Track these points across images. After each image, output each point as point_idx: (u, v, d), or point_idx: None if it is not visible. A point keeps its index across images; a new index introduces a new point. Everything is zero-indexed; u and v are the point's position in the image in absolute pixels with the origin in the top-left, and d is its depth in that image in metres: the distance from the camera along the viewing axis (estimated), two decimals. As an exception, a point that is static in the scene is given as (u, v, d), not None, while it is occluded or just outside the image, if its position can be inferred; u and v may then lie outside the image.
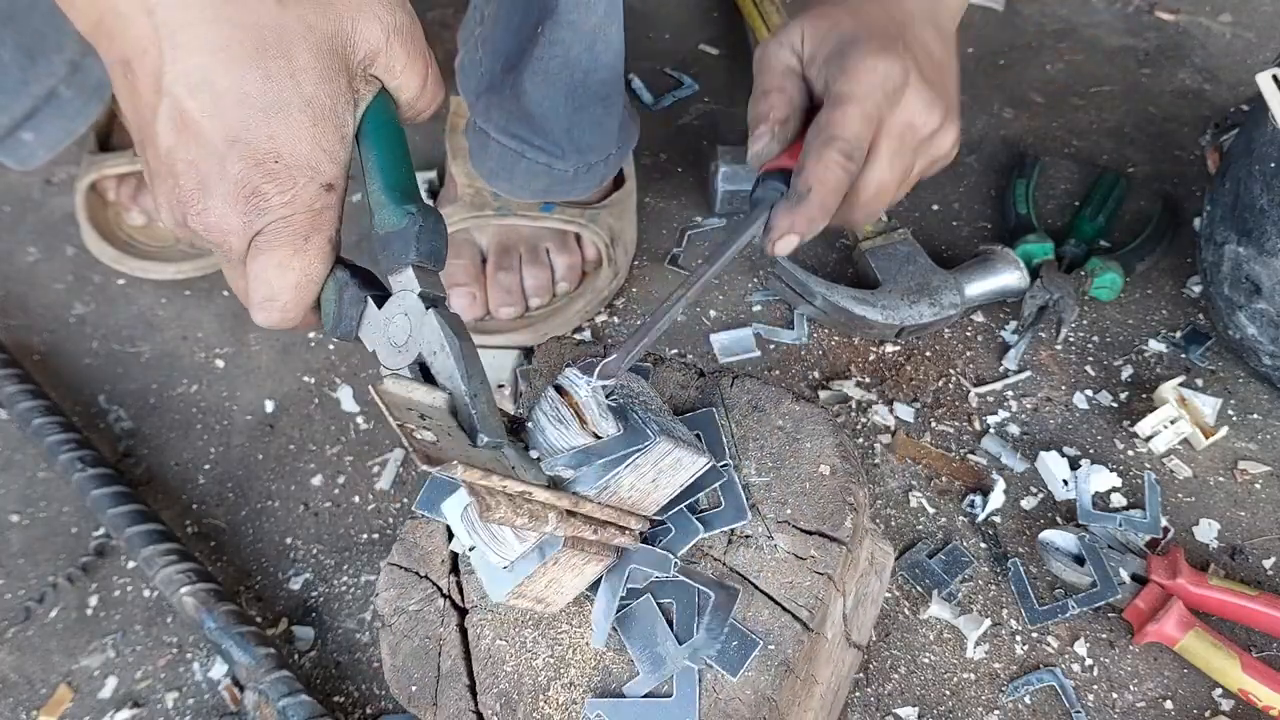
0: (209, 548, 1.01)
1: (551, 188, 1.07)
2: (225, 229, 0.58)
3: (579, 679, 0.65)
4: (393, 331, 0.61)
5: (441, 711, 0.66)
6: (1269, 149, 0.91)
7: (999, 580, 0.95)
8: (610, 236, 1.13)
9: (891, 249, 1.13)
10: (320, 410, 1.10)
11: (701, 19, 1.51)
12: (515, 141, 1.03)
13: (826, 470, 0.68)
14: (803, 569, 0.65)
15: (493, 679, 0.66)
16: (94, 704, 0.91)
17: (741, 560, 0.66)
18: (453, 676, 0.66)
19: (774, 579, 0.65)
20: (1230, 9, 1.48)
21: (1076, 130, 1.33)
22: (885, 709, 0.88)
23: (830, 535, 0.66)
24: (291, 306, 0.60)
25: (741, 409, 0.72)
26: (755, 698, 0.62)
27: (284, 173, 0.57)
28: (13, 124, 1.10)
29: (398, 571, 0.71)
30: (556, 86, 0.96)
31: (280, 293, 0.60)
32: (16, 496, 1.05)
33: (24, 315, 1.20)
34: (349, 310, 0.62)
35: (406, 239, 0.61)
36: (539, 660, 0.66)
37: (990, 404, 1.07)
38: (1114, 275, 1.11)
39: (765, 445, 0.70)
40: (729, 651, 0.63)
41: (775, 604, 0.64)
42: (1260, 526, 0.97)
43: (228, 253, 0.60)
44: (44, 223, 1.29)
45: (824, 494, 0.67)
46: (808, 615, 0.64)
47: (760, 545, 0.66)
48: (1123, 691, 0.88)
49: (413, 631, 0.69)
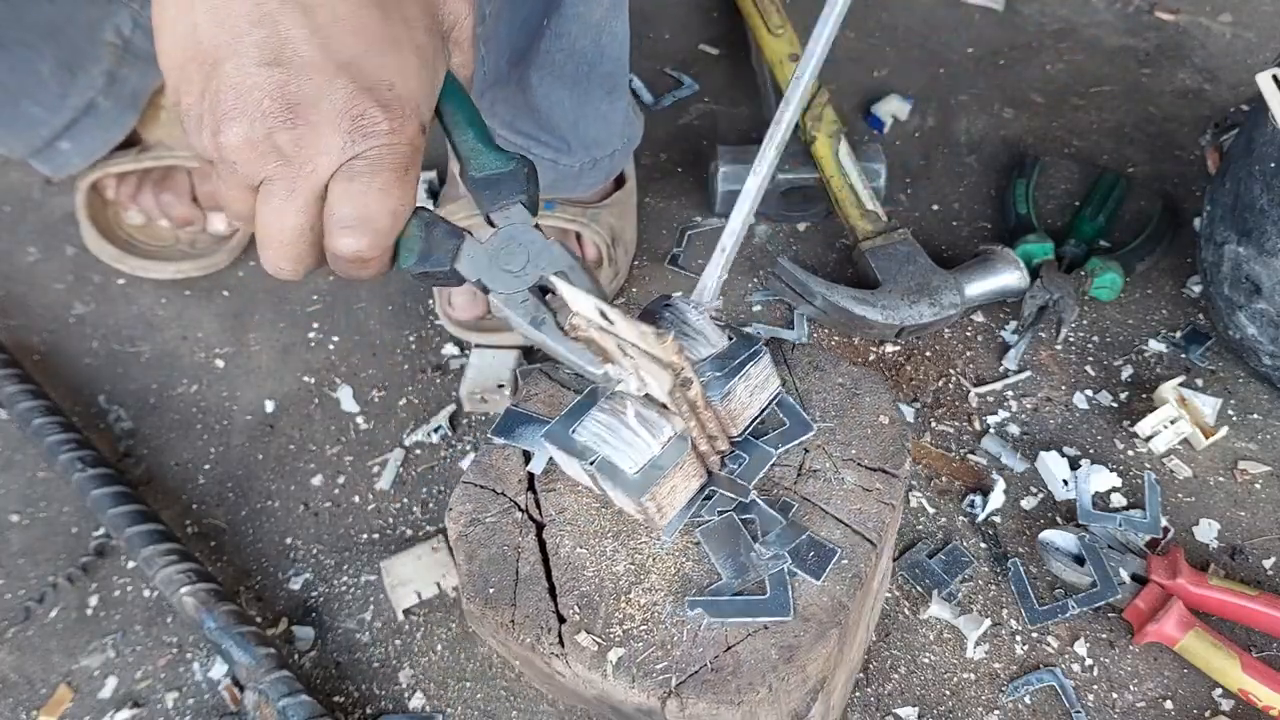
0: (209, 548, 1.01)
1: (558, 183, 1.08)
2: (321, 147, 0.57)
3: (659, 584, 0.67)
4: (505, 259, 0.65)
5: (520, 611, 0.67)
6: (1269, 149, 0.91)
7: (999, 580, 0.95)
8: (611, 236, 1.13)
9: (891, 249, 1.13)
10: (320, 410, 1.10)
11: (701, 19, 1.51)
12: (521, 137, 1.03)
13: (885, 420, 0.73)
14: (868, 499, 0.70)
15: (573, 582, 0.68)
16: (94, 704, 0.91)
17: (811, 489, 0.70)
18: (532, 580, 0.68)
19: (843, 506, 0.70)
20: (1230, 9, 1.48)
21: (1076, 130, 1.34)
22: (885, 709, 0.88)
23: (891, 472, 0.71)
24: (385, 232, 0.61)
25: (803, 368, 0.77)
26: (832, 603, 0.65)
27: (395, 102, 0.58)
28: (53, 135, 1.12)
29: (473, 489, 0.73)
30: (562, 80, 0.97)
31: (379, 216, 0.60)
32: (16, 496, 1.05)
33: (24, 315, 1.20)
34: (442, 244, 0.64)
35: (516, 179, 0.65)
36: (619, 566, 0.68)
37: (990, 404, 1.07)
38: (1114, 275, 1.11)
39: (827, 398, 0.75)
40: (809, 560, 0.67)
41: (846, 525, 0.69)
42: (1260, 526, 0.97)
43: (305, 175, 0.58)
44: (44, 223, 1.29)
45: (884, 438, 0.72)
46: (875, 537, 0.68)
47: (829, 478, 0.71)
48: (1123, 691, 0.88)
49: (489, 540, 0.71)
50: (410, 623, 0.95)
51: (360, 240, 0.60)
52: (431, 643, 0.93)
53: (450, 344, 1.14)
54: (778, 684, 0.63)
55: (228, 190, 0.61)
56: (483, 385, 1.08)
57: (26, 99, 1.08)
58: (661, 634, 0.65)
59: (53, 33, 1.05)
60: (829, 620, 0.65)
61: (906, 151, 1.32)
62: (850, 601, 0.66)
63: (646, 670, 0.64)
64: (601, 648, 0.65)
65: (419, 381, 1.12)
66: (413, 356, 1.14)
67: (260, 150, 0.57)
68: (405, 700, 0.90)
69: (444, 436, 1.07)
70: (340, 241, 0.60)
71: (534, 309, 0.64)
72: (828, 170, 1.18)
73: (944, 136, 1.34)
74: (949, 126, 1.35)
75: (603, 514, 0.70)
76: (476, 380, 1.08)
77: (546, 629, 0.66)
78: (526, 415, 0.72)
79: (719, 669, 0.63)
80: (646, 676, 0.63)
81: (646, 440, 0.63)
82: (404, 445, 1.07)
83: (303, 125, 0.56)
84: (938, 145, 1.33)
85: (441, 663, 0.92)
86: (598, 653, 0.65)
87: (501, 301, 0.64)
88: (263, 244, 0.61)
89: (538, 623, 0.66)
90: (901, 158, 1.31)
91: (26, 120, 1.09)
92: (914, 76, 1.41)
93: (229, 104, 0.56)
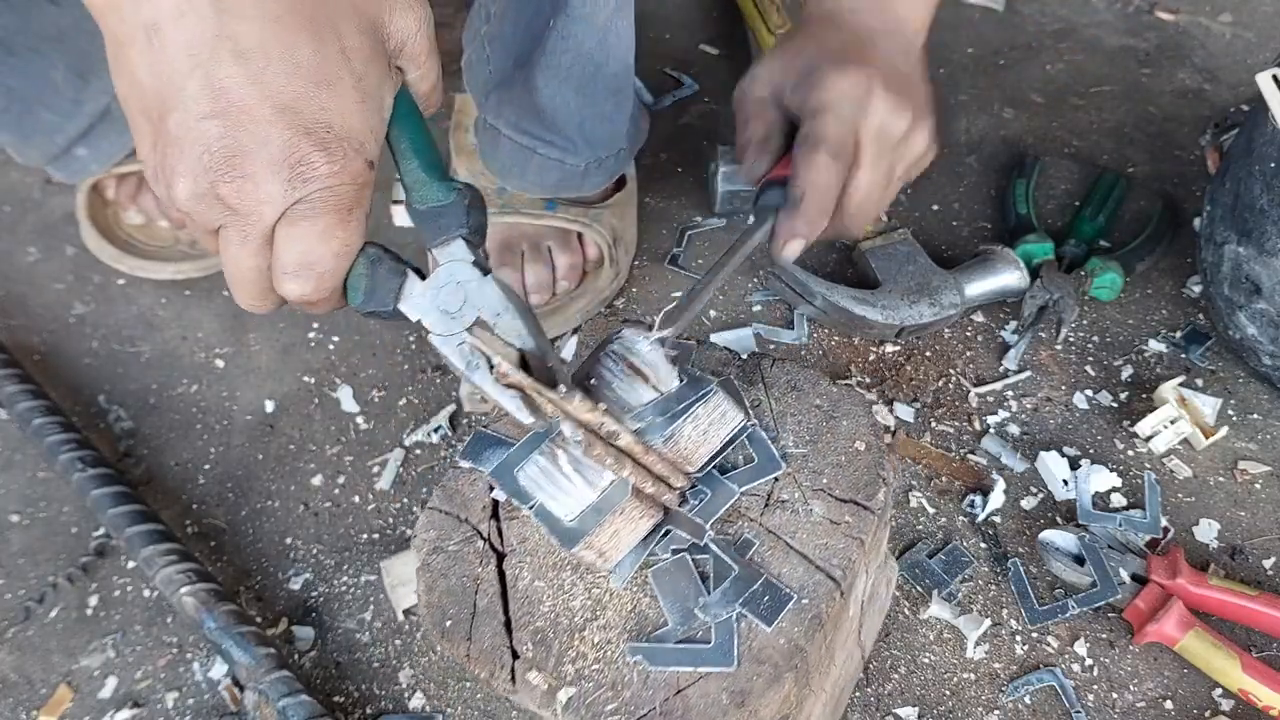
0: (209, 548, 1.01)
1: (563, 183, 1.08)
2: (261, 197, 0.57)
3: (615, 621, 0.67)
4: (444, 300, 0.64)
5: (475, 645, 0.67)
6: (1269, 149, 0.91)
7: (999, 580, 0.95)
8: (612, 236, 1.13)
9: (891, 249, 1.13)
10: (320, 410, 1.10)
11: (701, 19, 1.51)
12: (527, 138, 1.03)
13: (861, 446, 0.72)
14: (836, 533, 0.68)
15: (529, 617, 0.67)
16: (94, 704, 0.91)
17: (777, 522, 0.69)
18: (489, 614, 0.68)
19: (809, 540, 0.68)
20: (1230, 9, 1.48)
21: (1076, 130, 1.34)
22: (885, 709, 0.88)
23: (863, 504, 0.69)
24: (329, 276, 0.61)
25: (780, 388, 0.75)
26: (788, 646, 0.64)
27: (335, 143, 0.57)
28: (69, 142, 1.12)
29: (437, 515, 0.73)
30: (568, 81, 0.97)
31: (321, 260, 0.60)
32: (16, 496, 1.05)
33: (24, 315, 1.20)
34: (385, 283, 0.63)
35: (456, 212, 0.64)
36: (576, 602, 0.68)
37: (990, 404, 1.07)
38: (1114, 275, 1.11)
39: (803, 421, 0.74)
40: (762, 605, 0.66)
41: (809, 562, 0.67)
42: (1260, 526, 0.97)
43: (253, 224, 0.59)
44: (44, 223, 1.29)
45: (858, 467, 0.71)
46: (840, 575, 0.67)
47: (796, 510, 0.69)
48: (1123, 691, 0.88)
49: (450, 570, 0.70)
50: (410, 623, 0.94)
51: (305, 285, 0.60)
52: (431, 643, 0.93)
53: (450, 344, 1.14)
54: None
55: (193, 233, 0.62)
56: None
57: (42, 106, 1.08)
58: (613, 674, 0.64)
59: (61, 38, 1.05)
60: (784, 664, 0.63)
61: (906, 151, 1.32)
62: (809, 644, 0.64)
63: (595, 712, 0.63)
64: (551, 687, 0.64)
65: (419, 381, 1.12)
66: (413, 356, 1.14)
67: (207, 202, 0.58)
68: (405, 700, 0.90)
69: (444, 436, 1.07)
70: (286, 286, 0.61)
71: (468, 353, 0.63)
72: None
73: (944, 136, 1.34)
74: (949, 126, 1.35)
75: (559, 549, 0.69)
76: (476, 380, 1.08)
77: (500, 665, 0.66)
78: (494, 438, 0.72)
79: (668, 713, 0.62)
80: (595, 718, 0.63)
81: (580, 487, 0.63)
82: (404, 445, 1.07)
83: (240, 177, 0.56)
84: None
85: (441, 663, 0.92)
86: (547, 692, 0.64)
87: (439, 344, 0.63)
88: (230, 283, 0.62)
89: (492, 658, 0.66)
90: (901, 158, 1.31)
91: (43, 128, 1.10)
92: (914, 76, 1.41)
93: (173, 158, 0.57)
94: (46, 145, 1.11)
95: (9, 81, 1.05)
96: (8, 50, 1.03)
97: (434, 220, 0.64)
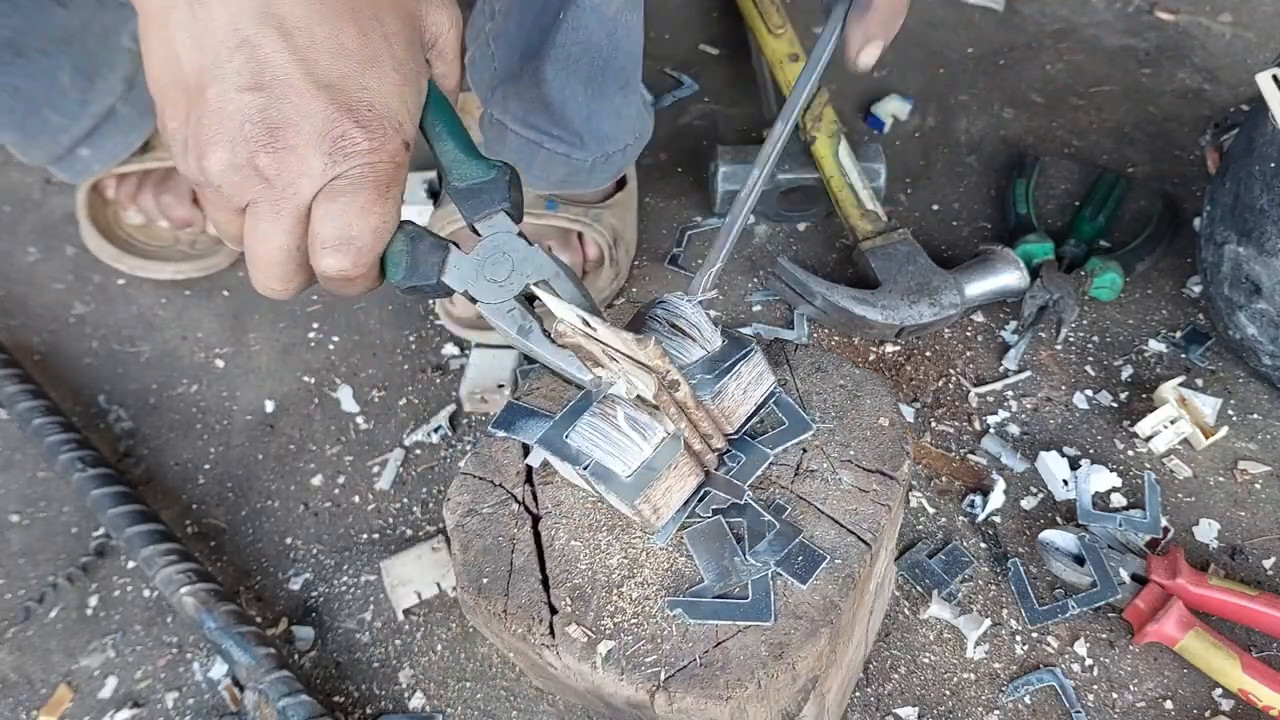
0: (209, 548, 1.01)
1: (570, 178, 1.08)
2: (301, 169, 0.57)
3: (652, 578, 0.68)
4: (490, 269, 0.65)
5: (512, 601, 0.68)
6: (1269, 149, 0.91)
7: (999, 580, 0.95)
8: (613, 236, 1.13)
9: (891, 249, 1.13)
10: (320, 410, 1.10)
11: (701, 19, 1.51)
12: (534, 132, 1.03)
13: (885, 422, 0.74)
14: (865, 499, 0.70)
15: (566, 574, 0.68)
16: (94, 704, 0.91)
17: (808, 489, 0.71)
18: (525, 571, 0.69)
19: (839, 506, 0.70)
20: (1230, 9, 1.48)
21: (1076, 130, 1.34)
22: (885, 709, 0.88)
23: (889, 474, 0.71)
24: (368, 250, 0.61)
25: (805, 369, 0.77)
26: (824, 602, 0.66)
27: (376, 121, 0.58)
28: (73, 143, 1.12)
29: (471, 480, 0.74)
30: (577, 73, 0.97)
31: (361, 235, 0.60)
32: (16, 496, 1.05)
33: (24, 315, 1.20)
34: (428, 257, 0.64)
35: (498, 187, 0.65)
36: (613, 560, 0.69)
37: (990, 404, 1.07)
38: (1114, 275, 1.11)
39: (828, 399, 0.75)
40: (797, 564, 0.67)
41: (840, 526, 0.69)
42: (1260, 526, 0.97)
43: (289, 197, 0.59)
44: (44, 223, 1.29)
45: (884, 440, 0.73)
46: (870, 537, 0.68)
47: (825, 478, 0.71)
48: (1123, 691, 0.88)
49: (485, 531, 0.71)
50: (410, 623, 0.95)
51: (344, 259, 0.61)
52: (431, 643, 0.93)
53: (450, 344, 1.14)
54: (766, 681, 0.63)
55: (215, 213, 0.61)
56: (483, 385, 1.08)
57: (48, 107, 1.08)
58: (652, 628, 0.66)
59: (69, 40, 1.05)
60: (820, 619, 0.65)
61: (906, 151, 1.32)
62: (843, 601, 0.66)
63: (635, 663, 0.64)
64: (591, 640, 0.65)
65: (419, 381, 1.12)
66: (413, 356, 1.14)
67: (243, 174, 0.58)
68: (405, 700, 0.90)
69: (444, 436, 1.07)
70: (325, 261, 0.61)
71: (520, 317, 0.65)
72: (828, 170, 1.18)
73: (944, 136, 1.34)
74: (949, 126, 1.35)
75: (598, 508, 0.71)
76: (476, 380, 1.08)
77: (538, 620, 0.67)
78: (527, 409, 0.73)
79: (708, 664, 0.64)
80: (635, 669, 0.64)
81: (638, 443, 0.64)
82: (404, 445, 1.07)
83: (283, 148, 0.57)
84: (938, 145, 1.33)
85: (441, 663, 0.92)
86: (588, 644, 0.65)
87: (489, 312, 0.65)
88: (252, 265, 0.62)
89: (530, 613, 0.67)
90: (901, 158, 1.31)
91: (48, 128, 1.10)
92: (914, 76, 1.41)
93: (211, 129, 0.57)
94: (51, 146, 1.11)
95: (16, 82, 1.05)
96: (15, 51, 1.03)
97: (475, 196, 0.66)
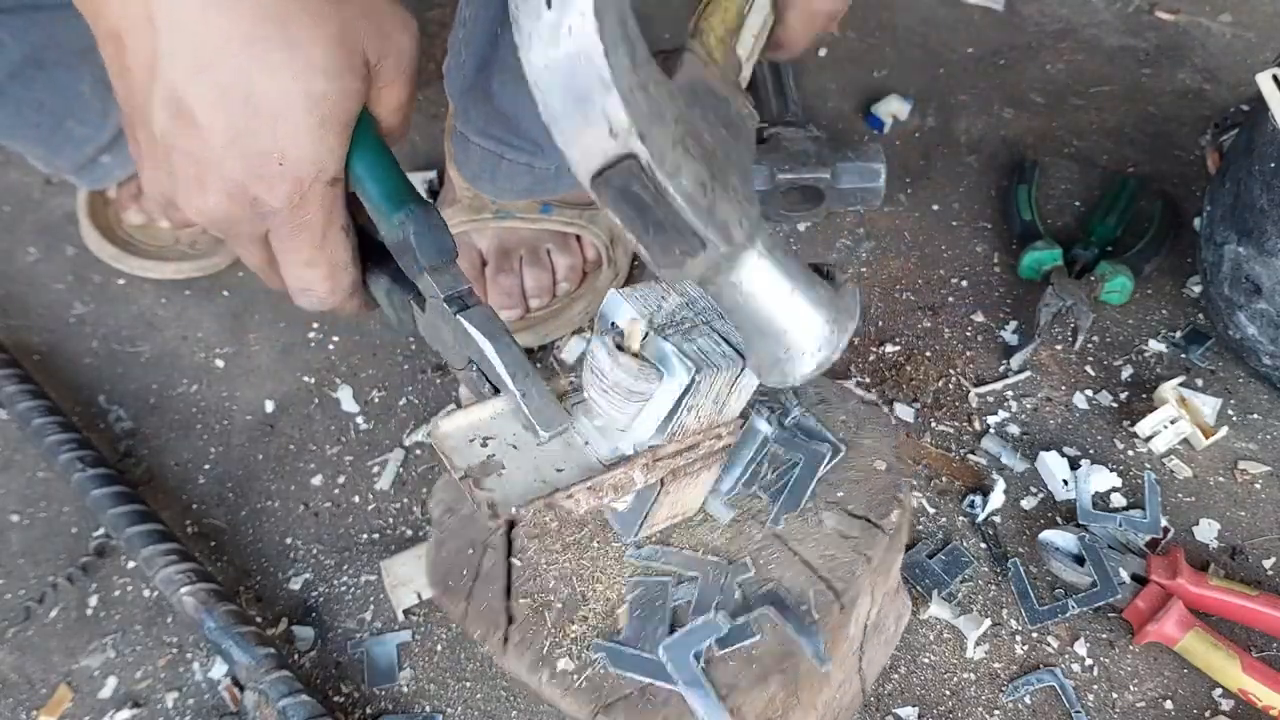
0: (209, 548, 1.01)
1: (535, 186, 1.07)
2: (230, 220, 0.58)
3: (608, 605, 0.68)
4: (440, 335, 0.62)
5: (474, 605, 0.69)
6: (1269, 149, 0.91)
7: (999, 580, 0.95)
8: (610, 237, 1.13)
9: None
10: (320, 410, 1.10)
11: (701, 19, 1.50)
12: (493, 143, 1.02)
13: (881, 466, 0.72)
14: (844, 546, 0.69)
15: (529, 585, 0.69)
16: (94, 704, 0.91)
17: (786, 527, 0.70)
18: (490, 578, 0.70)
19: (814, 550, 0.68)
20: (1230, 9, 1.48)
21: (1076, 130, 1.33)
22: (885, 709, 0.88)
23: (875, 523, 0.69)
24: (329, 295, 0.61)
25: (809, 399, 0.76)
26: (780, 650, 0.65)
27: (289, 174, 0.55)
28: (96, 152, 1.13)
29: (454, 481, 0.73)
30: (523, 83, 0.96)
31: (314, 284, 0.60)
32: (16, 496, 1.05)
33: (24, 315, 1.20)
34: (402, 314, 0.63)
35: (408, 248, 0.60)
36: (578, 578, 0.69)
37: (990, 404, 1.07)
38: (1124, 279, 1.11)
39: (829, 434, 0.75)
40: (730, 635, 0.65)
41: (811, 570, 0.67)
42: (1260, 526, 0.97)
43: (236, 236, 0.59)
44: (44, 223, 1.29)
45: (876, 486, 0.71)
46: (842, 585, 0.67)
47: (806, 518, 0.70)
48: (1123, 691, 0.88)
49: (461, 532, 0.72)
50: (410, 623, 0.94)
51: (314, 302, 0.61)
52: (432, 643, 0.93)
53: (450, 344, 1.14)
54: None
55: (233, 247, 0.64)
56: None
57: (71, 119, 1.09)
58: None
59: (89, 51, 1.05)
60: (774, 666, 0.64)
61: (906, 151, 1.32)
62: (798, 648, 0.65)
63: (580, 684, 0.64)
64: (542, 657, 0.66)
65: (419, 381, 1.12)
66: (413, 356, 1.14)
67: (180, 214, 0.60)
68: (405, 700, 0.90)
69: (444, 436, 1.07)
70: (300, 303, 0.62)
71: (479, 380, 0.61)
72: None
73: (944, 136, 1.34)
74: (949, 126, 1.35)
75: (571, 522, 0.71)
76: (476, 380, 1.08)
77: (495, 626, 0.67)
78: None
79: (650, 697, 0.63)
80: (580, 690, 0.64)
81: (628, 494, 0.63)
82: (404, 445, 1.07)
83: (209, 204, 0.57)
84: (938, 145, 1.33)
85: (441, 663, 0.92)
86: (536, 659, 0.66)
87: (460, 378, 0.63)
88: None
89: (488, 619, 0.68)
90: (901, 158, 1.31)
91: (72, 139, 1.11)
92: (914, 76, 1.41)
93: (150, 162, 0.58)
94: (75, 156, 1.12)
95: (40, 97, 1.06)
96: (38, 66, 1.04)
97: (400, 255, 0.61)
